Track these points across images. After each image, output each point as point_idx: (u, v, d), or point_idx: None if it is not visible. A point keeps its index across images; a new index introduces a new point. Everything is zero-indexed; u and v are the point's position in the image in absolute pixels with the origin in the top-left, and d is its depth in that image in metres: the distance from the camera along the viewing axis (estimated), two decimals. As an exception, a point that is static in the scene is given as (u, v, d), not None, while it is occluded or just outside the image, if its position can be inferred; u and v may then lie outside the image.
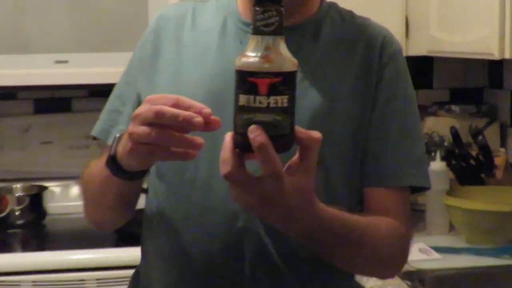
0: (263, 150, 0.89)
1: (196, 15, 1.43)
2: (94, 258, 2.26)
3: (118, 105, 1.45)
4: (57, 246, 2.38)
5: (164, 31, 1.42)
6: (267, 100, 0.92)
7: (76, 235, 2.54)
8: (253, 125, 0.91)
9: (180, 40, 1.40)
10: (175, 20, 1.43)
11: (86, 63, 2.48)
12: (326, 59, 1.38)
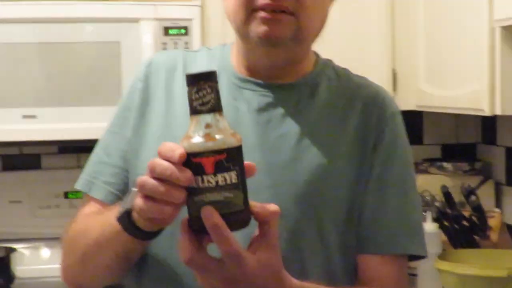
0: (216, 231, 0.93)
1: (187, 64, 1.42)
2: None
3: (103, 156, 1.41)
4: None
5: (154, 79, 1.41)
6: (215, 179, 0.95)
7: None
8: (205, 206, 0.94)
9: (170, 91, 1.39)
10: (165, 69, 1.41)
11: (55, 118, 2.47)
12: (323, 120, 1.38)
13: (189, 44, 2.53)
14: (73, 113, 2.48)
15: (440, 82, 2.46)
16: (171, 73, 1.41)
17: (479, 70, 2.14)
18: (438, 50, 2.46)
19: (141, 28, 2.50)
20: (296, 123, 1.36)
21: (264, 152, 1.32)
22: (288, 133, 1.34)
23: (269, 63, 1.35)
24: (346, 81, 1.42)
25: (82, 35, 2.50)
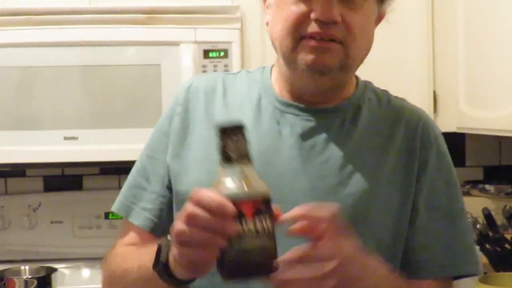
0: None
1: (226, 88, 1.41)
2: None
3: (141, 181, 1.41)
4: None
5: (194, 104, 1.39)
6: (254, 225, 1.00)
7: None
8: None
9: (211, 115, 1.37)
10: (205, 93, 1.40)
11: (96, 140, 2.49)
12: (366, 144, 1.38)
13: (229, 67, 2.52)
14: (113, 135, 2.49)
15: (480, 104, 2.45)
16: (210, 97, 1.39)
17: None
18: (479, 72, 2.45)
19: (181, 51, 2.50)
20: (340, 148, 1.35)
21: (308, 178, 1.32)
22: (332, 158, 1.34)
23: (314, 90, 1.35)
24: (387, 103, 1.42)
25: (123, 58, 2.50)
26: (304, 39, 1.26)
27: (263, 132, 1.34)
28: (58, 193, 2.89)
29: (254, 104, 1.38)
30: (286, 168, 1.32)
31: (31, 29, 2.45)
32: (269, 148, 1.32)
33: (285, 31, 1.27)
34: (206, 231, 0.99)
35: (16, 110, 2.47)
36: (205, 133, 1.34)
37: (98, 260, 2.68)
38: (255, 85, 1.42)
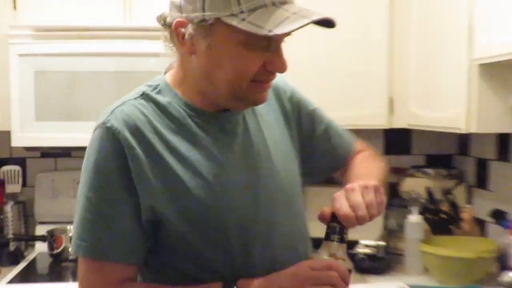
0: None
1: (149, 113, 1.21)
2: None
3: (104, 224, 1.16)
4: None
5: (132, 142, 1.15)
6: None
7: None
8: None
9: (163, 142, 1.19)
10: (131, 131, 1.16)
11: None
12: (268, 122, 1.36)
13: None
14: None
15: (427, 107, 2.46)
16: (140, 133, 1.16)
17: (458, 97, 2.13)
18: (426, 81, 2.45)
19: None
20: (256, 129, 1.32)
21: (247, 161, 1.28)
22: (258, 139, 1.31)
23: (239, 110, 1.28)
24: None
25: (146, 66, 2.41)
26: (255, 82, 1.16)
27: (205, 138, 1.22)
28: None
29: (181, 123, 1.22)
30: (240, 161, 1.26)
31: (77, 42, 2.44)
32: (220, 147, 1.23)
33: (242, 77, 1.14)
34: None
35: (64, 105, 2.45)
36: (175, 158, 1.18)
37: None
38: (172, 105, 1.23)
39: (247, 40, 1.10)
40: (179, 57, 1.24)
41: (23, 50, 2.43)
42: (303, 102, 1.46)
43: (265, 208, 1.28)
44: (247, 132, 1.30)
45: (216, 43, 1.13)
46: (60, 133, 2.46)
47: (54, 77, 2.46)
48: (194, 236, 1.20)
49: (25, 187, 2.84)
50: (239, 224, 1.23)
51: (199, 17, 1.10)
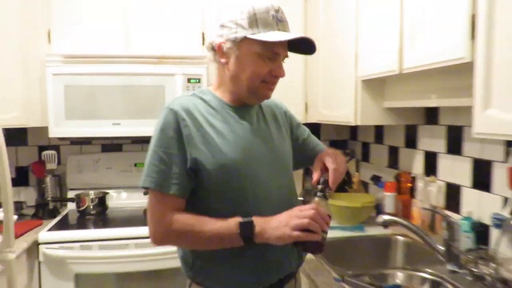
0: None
1: (196, 105, 1.25)
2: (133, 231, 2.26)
3: (165, 168, 1.19)
4: (113, 225, 2.37)
5: (188, 118, 1.21)
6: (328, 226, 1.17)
7: (124, 219, 2.50)
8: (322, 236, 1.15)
9: (208, 121, 1.23)
10: (185, 112, 1.22)
11: (130, 125, 2.48)
12: (270, 119, 1.39)
13: (201, 87, 2.46)
14: (138, 122, 2.47)
15: (329, 108, 2.43)
16: (191, 114, 1.22)
17: (349, 102, 2.15)
18: (329, 92, 2.43)
19: (176, 79, 2.48)
20: (264, 124, 1.36)
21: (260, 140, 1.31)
22: (265, 128, 1.35)
23: (253, 104, 1.33)
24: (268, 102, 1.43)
25: (144, 82, 2.46)
26: (264, 83, 1.25)
27: (232, 122, 1.26)
28: (109, 153, 2.86)
29: (217, 111, 1.26)
30: (254, 138, 1.29)
31: (93, 65, 2.43)
32: (242, 128, 1.27)
33: (256, 78, 1.23)
34: (320, 226, 1.12)
35: (84, 109, 2.43)
36: (213, 130, 1.23)
37: (130, 188, 2.73)
38: (212, 100, 1.28)
39: (261, 52, 1.20)
40: (218, 71, 1.31)
41: (55, 71, 2.41)
42: (293, 117, 1.52)
43: (268, 168, 1.29)
44: (258, 121, 1.34)
45: (241, 55, 1.22)
46: (82, 128, 2.45)
47: (78, 90, 2.43)
48: (221, 180, 1.22)
49: (59, 165, 2.80)
50: (251, 176, 1.25)
51: (232, 37, 1.21)
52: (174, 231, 1.19)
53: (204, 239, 1.17)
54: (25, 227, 2.30)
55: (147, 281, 2.27)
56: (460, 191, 1.96)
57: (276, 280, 1.29)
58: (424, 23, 1.54)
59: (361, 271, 1.43)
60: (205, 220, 1.18)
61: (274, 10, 1.21)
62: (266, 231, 1.14)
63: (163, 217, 1.19)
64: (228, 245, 1.18)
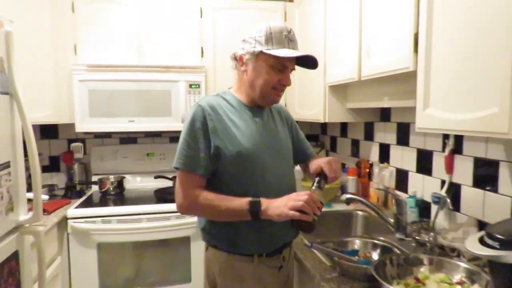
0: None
1: (219, 103, 1.25)
2: (145, 208, 2.24)
3: (193, 153, 1.19)
4: (129, 203, 2.32)
5: (213, 113, 1.21)
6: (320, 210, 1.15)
7: (138, 198, 2.44)
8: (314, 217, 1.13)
9: (228, 116, 1.24)
10: (211, 108, 1.22)
11: (143, 122, 2.45)
12: (277, 120, 1.39)
13: (200, 93, 2.47)
14: (150, 119, 2.45)
15: (303, 108, 2.41)
16: (215, 110, 1.22)
17: (318, 104, 2.14)
18: (303, 95, 2.41)
19: (180, 84, 2.45)
20: (273, 123, 1.35)
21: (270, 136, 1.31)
22: (273, 128, 1.34)
23: (265, 105, 1.31)
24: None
25: (154, 87, 2.42)
26: (274, 89, 1.25)
27: (248, 119, 1.26)
28: (126, 145, 2.82)
29: (236, 109, 1.26)
30: (264, 133, 1.28)
31: (112, 73, 2.39)
32: (255, 125, 1.27)
33: (268, 85, 1.23)
34: (312, 209, 1.11)
35: (105, 109, 2.40)
36: (232, 124, 1.23)
37: (143, 173, 2.73)
38: (232, 100, 1.28)
39: (273, 64, 1.22)
40: (238, 77, 1.31)
41: (81, 77, 2.38)
42: (293, 121, 1.50)
43: (275, 159, 1.29)
44: (267, 120, 1.34)
45: (257, 65, 1.23)
46: (104, 124, 2.42)
47: (99, 93, 2.41)
48: (236, 165, 1.21)
49: (85, 154, 2.78)
50: (261, 164, 1.24)
51: (251, 51, 1.23)
52: (197, 204, 1.19)
53: (220, 211, 1.17)
54: (56, 205, 2.28)
55: (157, 248, 2.27)
56: (407, 175, 1.95)
57: (276, 248, 1.30)
58: (378, 39, 1.55)
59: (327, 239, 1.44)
60: (222, 197, 1.18)
61: (286, 31, 1.23)
62: (269, 209, 1.14)
63: (188, 192, 1.20)
64: (239, 218, 1.18)
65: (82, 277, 2.19)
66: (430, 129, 1.23)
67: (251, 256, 1.26)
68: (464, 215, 1.56)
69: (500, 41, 0.95)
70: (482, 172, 1.48)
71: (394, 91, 1.67)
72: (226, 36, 2.58)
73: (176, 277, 2.30)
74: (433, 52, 1.20)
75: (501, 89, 0.95)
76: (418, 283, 1.12)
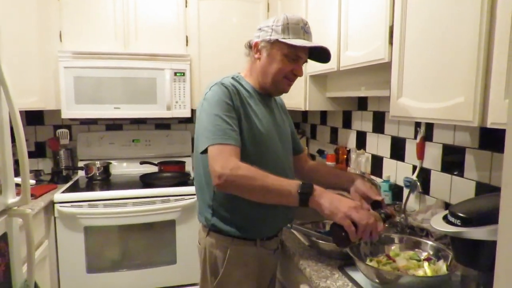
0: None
1: (237, 87, 1.21)
2: (131, 192, 2.24)
3: (227, 126, 1.11)
4: (115, 188, 2.31)
5: (236, 93, 1.19)
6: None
7: (124, 183, 2.43)
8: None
9: (248, 100, 1.21)
10: (233, 90, 1.18)
11: (128, 109, 2.43)
12: (280, 108, 1.39)
13: (186, 82, 2.46)
14: (135, 106, 2.42)
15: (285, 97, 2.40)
16: (237, 90, 1.19)
17: (299, 93, 2.13)
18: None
19: (165, 72, 2.43)
20: (278, 111, 1.35)
21: (276, 122, 1.29)
22: (278, 114, 1.33)
23: (275, 94, 1.31)
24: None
25: (140, 74, 2.39)
26: (285, 78, 1.23)
27: (260, 105, 1.24)
28: (112, 131, 2.78)
29: (251, 95, 1.24)
30: (275, 121, 1.28)
31: (98, 60, 2.36)
32: (267, 112, 1.25)
33: (280, 73, 1.21)
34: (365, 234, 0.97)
35: (91, 95, 2.37)
36: (250, 108, 1.20)
37: (129, 159, 2.71)
38: (247, 85, 1.25)
39: (287, 54, 1.19)
40: (250, 64, 1.28)
41: (67, 64, 2.34)
42: (287, 111, 1.47)
43: (283, 148, 1.28)
44: (275, 108, 1.33)
45: (272, 53, 1.21)
46: (89, 111, 2.39)
47: (85, 80, 2.37)
48: (250, 148, 1.18)
49: (71, 140, 2.75)
50: (273, 150, 1.23)
51: (267, 39, 1.20)
52: (239, 174, 1.04)
53: (265, 187, 1.03)
54: (43, 190, 2.26)
55: (143, 231, 2.28)
56: (382, 160, 1.99)
57: (272, 234, 1.31)
58: (355, 31, 1.57)
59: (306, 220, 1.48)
60: (267, 174, 1.05)
61: (303, 23, 1.20)
62: (324, 198, 1.01)
63: (229, 161, 1.06)
64: (284, 201, 1.03)
65: (69, 259, 2.19)
66: (403, 117, 1.27)
67: (254, 240, 1.25)
68: (433, 197, 1.62)
69: (465, 33, 0.98)
70: (449, 158, 1.53)
71: (370, 81, 1.70)
72: (210, 25, 2.57)
73: (161, 259, 2.32)
74: (407, 44, 1.24)
75: (466, 79, 0.99)
76: (389, 260, 1.15)
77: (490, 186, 1.33)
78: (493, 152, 1.32)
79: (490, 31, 0.92)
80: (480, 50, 0.94)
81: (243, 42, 1.34)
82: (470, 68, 0.97)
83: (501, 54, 0.88)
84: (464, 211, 0.86)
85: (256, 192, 1.05)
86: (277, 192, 1.02)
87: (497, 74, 0.89)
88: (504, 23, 0.87)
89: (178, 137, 2.85)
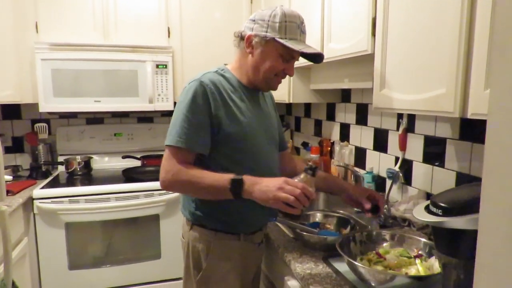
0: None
1: (221, 81, 1.20)
2: (113, 187, 2.22)
3: (194, 130, 1.13)
4: (97, 183, 2.28)
5: (213, 91, 1.16)
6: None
7: (105, 178, 2.41)
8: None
9: (229, 95, 1.19)
10: (214, 86, 1.17)
11: (109, 102, 2.39)
12: (267, 101, 1.37)
13: (168, 74, 2.44)
14: (116, 99, 2.39)
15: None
16: (217, 88, 1.17)
17: (284, 85, 2.12)
18: None
19: (146, 65, 2.41)
20: (266, 104, 1.34)
21: (263, 115, 1.29)
22: (267, 110, 1.32)
23: (264, 90, 1.29)
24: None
25: (121, 67, 2.36)
26: (276, 76, 1.22)
27: (246, 100, 1.23)
28: (92, 125, 2.74)
29: (235, 89, 1.22)
30: (261, 116, 1.27)
31: (77, 52, 2.31)
32: (252, 107, 1.24)
33: (272, 71, 1.20)
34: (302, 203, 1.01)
35: (70, 88, 2.31)
36: (233, 104, 1.18)
37: (110, 153, 2.69)
38: (232, 79, 1.23)
39: (282, 54, 1.18)
40: (239, 56, 1.24)
41: (43, 56, 2.28)
42: (275, 106, 1.46)
43: (267, 141, 1.27)
44: (263, 103, 1.32)
45: (266, 51, 1.18)
46: (68, 104, 2.34)
47: (63, 72, 2.32)
48: (232, 143, 1.17)
49: (50, 135, 2.69)
50: (255, 144, 1.22)
51: (263, 35, 1.17)
52: (179, 180, 1.11)
53: (203, 188, 1.10)
54: (21, 186, 2.21)
55: (126, 227, 2.26)
56: (365, 152, 2.01)
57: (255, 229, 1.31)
58: (339, 23, 1.57)
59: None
60: (205, 173, 1.11)
61: (300, 21, 1.18)
62: (254, 191, 1.06)
63: (173, 167, 1.12)
64: (222, 197, 1.10)
65: (50, 256, 2.16)
66: (385, 108, 1.28)
67: (238, 234, 1.25)
68: (415, 188, 1.65)
69: (446, 25, 0.99)
70: (431, 149, 1.56)
71: (354, 73, 1.71)
72: (193, 17, 2.54)
73: (146, 254, 2.31)
74: (389, 36, 1.25)
75: (447, 71, 1.00)
76: (380, 258, 1.14)
77: (470, 176, 1.35)
78: (473, 143, 1.34)
79: (470, 23, 0.93)
80: (460, 41, 0.95)
81: (226, 33, 1.33)
82: (451, 60, 0.98)
83: (481, 45, 0.89)
84: (445, 201, 0.87)
85: (198, 193, 1.16)
86: (215, 191, 1.09)
87: (477, 65, 0.90)
88: (484, 14, 0.88)
89: (161, 130, 2.82)
